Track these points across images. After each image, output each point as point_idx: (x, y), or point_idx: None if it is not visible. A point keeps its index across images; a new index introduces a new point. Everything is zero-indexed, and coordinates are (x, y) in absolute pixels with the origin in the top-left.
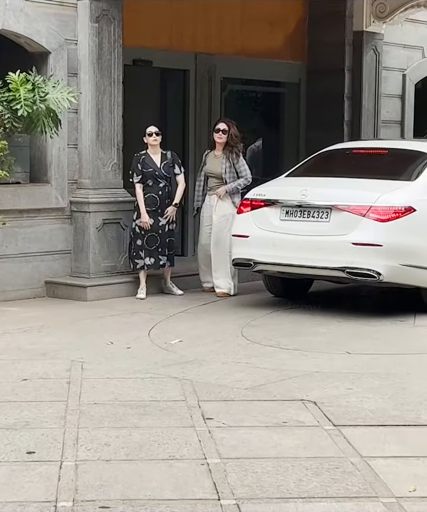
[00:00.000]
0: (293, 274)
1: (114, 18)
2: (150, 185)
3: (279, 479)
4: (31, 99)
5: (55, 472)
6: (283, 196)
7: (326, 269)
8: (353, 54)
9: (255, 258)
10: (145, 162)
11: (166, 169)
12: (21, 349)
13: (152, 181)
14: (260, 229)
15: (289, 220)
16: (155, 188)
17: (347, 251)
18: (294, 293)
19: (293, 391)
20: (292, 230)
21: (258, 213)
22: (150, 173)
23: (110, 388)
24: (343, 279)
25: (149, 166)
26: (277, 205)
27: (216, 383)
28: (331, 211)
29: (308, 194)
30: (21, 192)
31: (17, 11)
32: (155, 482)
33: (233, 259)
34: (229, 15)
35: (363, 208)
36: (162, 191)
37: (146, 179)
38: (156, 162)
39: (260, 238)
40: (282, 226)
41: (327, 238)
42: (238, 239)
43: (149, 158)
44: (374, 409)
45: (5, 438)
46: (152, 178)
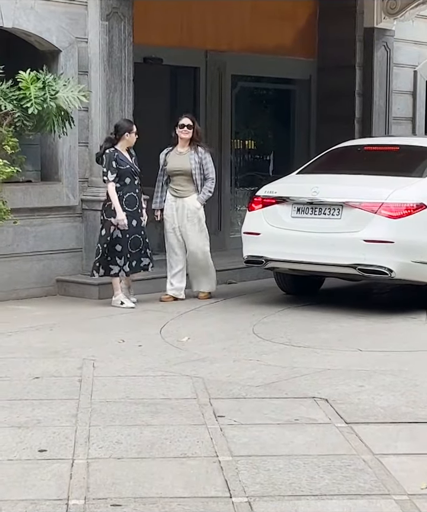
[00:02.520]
0: (304, 271)
1: (124, 16)
2: (128, 183)
3: (290, 477)
4: (42, 98)
5: (67, 470)
6: (294, 193)
7: (338, 266)
8: (363, 51)
9: (267, 255)
10: (120, 158)
11: (137, 166)
12: (33, 348)
13: (130, 179)
14: (271, 226)
15: (301, 217)
16: (133, 187)
17: (358, 248)
18: (305, 290)
19: (305, 388)
20: (303, 227)
21: (269, 210)
22: (127, 170)
23: (121, 386)
24: (355, 276)
25: (124, 163)
26: (289, 203)
27: (227, 380)
28: (342, 208)
29: (320, 191)
30: (32, 190)
31: (27, 9)
32: (166, 479)
33: (244, 256)
34: (239, 12)
35: (374, 205)
36: (138, 189)
37: (123, 177)
38: (129, 158)
39: (271, 235)
40: (294, 223)
41: (339, 235)
42: (249, 236)
43: (121, 155)
44: (386, 406)
45: (16, 436)
46: (130, 175)
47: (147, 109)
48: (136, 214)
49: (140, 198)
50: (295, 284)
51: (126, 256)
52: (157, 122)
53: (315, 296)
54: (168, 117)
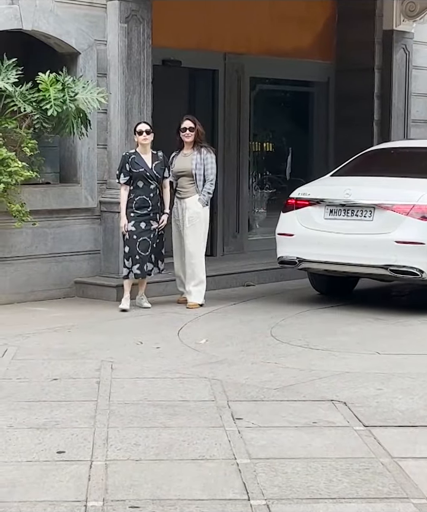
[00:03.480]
0: (337, 271)
1: (143, 18)
2: (140, 186)
3: (309, 480)
4: (61, 99)
5: (85, 472)
6: (327, 195)
7: (370, 267)
8: (382, 53)
9: (301, 256)
10: (135, 161)
11: (157, 170)
12: (51, 349)
13: (142, 182)
14: (304, 228)
15: (334, 218)
16: (146, 190)
17: (390, 249)
18: (339, 290)
19: (323, 391)
20: (336, 229)
21: (302, 212)
22: (141, 173)
23: (140, 388)
24: (387, 277)
25: (139, 166)
26: (322, 204)
27: (245, 383)
28: (374, 210)
29: (352, 193)
30: (50, 192)
31: (47, 12)
32: (184, 482)
33: (278, 257)
34: (257, 14)
35: (406, 207)
36: (153, 193)
37: (135, 181)
38: (147, 162)
39: (305, 236)
40: (327, 224)
41: (371, 236)
42: (283, 237)
43: (139, 158)
44: (404, 409)
45: (35, 438)
46: (143, 178)
47: (166, 111)
48: (146, 216)
49: (155, 202)
50: (329, 284)
51: (135, 258)
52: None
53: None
54: None
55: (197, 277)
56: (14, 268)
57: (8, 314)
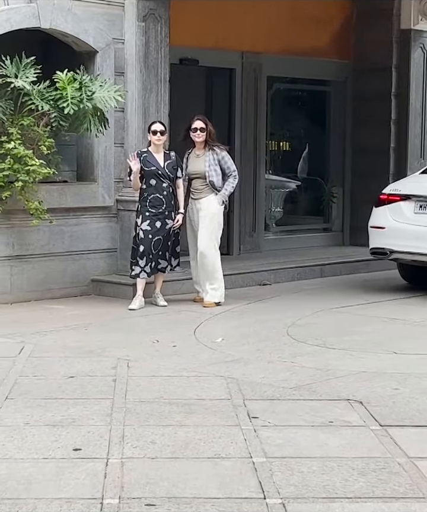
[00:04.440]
0: (425, 262)
1: (161, 17)
2: (153, 184)
3: (324, 479)
4: (78, 98)
5: (101, 469)
6: (417, 191)
7: None
8: (400, 52)
9: (391, 248)
10: (147, 160)
11: (169, 169)
12: (68, 347)
13: (155, 180)
14: (395, 221)
15: (423, 213)
16: (159, 188)
17: None
18: (426, 280)
19: (340, 391)
20: (424, 223)
21: (393, 207)
22: (153, 171)
23: (156, 386)
24: None
25: (151, 165)
26: (412, 200)
27: (261, 381)
28: None
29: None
30: (67, 190)
31: (65, 10)
32: (200, 480)
33: (371, 248)
34: (275, 13)
35: None
36: (167, 191)
37: (148, 179)
38: (159, 160)
39: (395, 229)
40: (416, 218)
41: None
42: (375, 230)
43: (151, 156)
44: (421, 409)
45: (51, 435)
46: (155, 177)
47: (183, 110)
48: (161, 215)
49: (169, 200)
50: (416, 274)
51: (148, 257)
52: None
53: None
54: None
55: (212, 277)
56: (31, 266)
57: (25, 312)
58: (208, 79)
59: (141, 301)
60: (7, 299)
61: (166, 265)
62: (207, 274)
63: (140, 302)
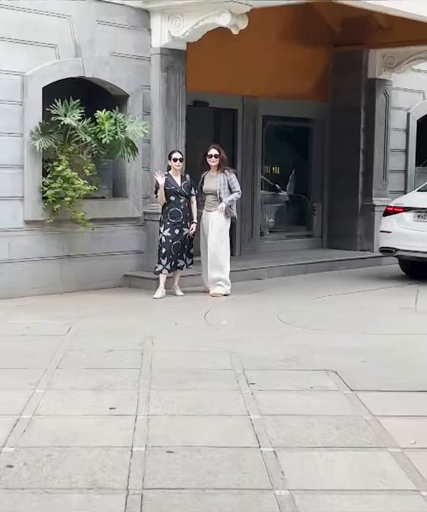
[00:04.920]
0: (422, 258)
1: (179, 69)
2: (172, 200)
3: (307, 432)
4: (114, 131)
5: (131, 424)
6: (416, 204)
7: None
8: (367, 97)
9: (396, 247)
10: (168, 181)
11: (185, 188)
12: (104, 328)
13: (174, 197)
14: (399, 227)
15: (420, 221)
16: (177, 203)
17: None
18: (422, 272)
19: (319, 363)
20: (421, 228)
21: (397, 216)
22: (172, 190)
23: (175, 359)
24: None
25: (171, 185)
26: (412, 211)
27: (257, 355)
28: None
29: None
30: (105, 204)
31: (103, 63)
32: (209, 432)
33: (380, 247)
34: (269, 65)
35: None
36: (183, 206)
37: (168, 196)
38: (177, 182)
39: (399, 233)
40: (415, 225)
41: None
42: (384, 233)
43: (171, 178)
44: (383, 378)
45: (92, 397)
46: (174, 194)
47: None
48: (179, 224)
49: (185, 213)
50: (413, 268)
51: (169, 257)
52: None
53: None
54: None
55: (220, 272)
56: (77, 264)
57: (72, 301)
58: (216, 118)
59: (163, 291)
60: (58, 290)
61: (183, 263)
62: (216, 270)
63: (162, 292)
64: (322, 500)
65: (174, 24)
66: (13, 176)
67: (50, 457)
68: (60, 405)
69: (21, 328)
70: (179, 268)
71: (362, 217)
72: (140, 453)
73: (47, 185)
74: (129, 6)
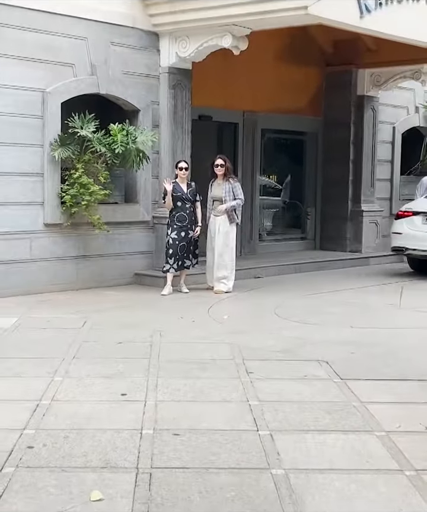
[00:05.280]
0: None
1: (185, 86)
2: (179, 205)
3: (301, 417)
4: (125, 142)
5: (141, 409)
6: (424, 209)
7: None
8: (356, 112)
9: (406, 246)
10: (175, 188)
11: (191, 194)
12: (117, 321)
13: (180, 203)
14: (409, 229)
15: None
16: (183, 208)
17: None
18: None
19: (312, 354)
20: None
21: (408, 219)
22: (179, 196)
23: (180, 349)
24: None
25: (178, 191)
26: (420, 215)
27: (256, 347)
28: None
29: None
30: (118, 209)
31: (116, 81)
32: (212, 417)
33: (392, 246)
34: (267, 82)
35: None
36: (189, 210)
37: (175, 201)
38: (184, 188)
39: (409, 234)
40: (423, 227)
41: None
42: (395, 234)
43: (178, 186)
44: (370, 368)
45: (105, 384)
46: (181, 200)
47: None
48: (185, 227)
49: (191, 217)
50: (421, 265)
51: (175, 257)
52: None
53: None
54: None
55: (224, 270)
56: (92, 263)
57: (87, 296)
58: (219, 131)
59: (170, 289)
60: (74, 287)
61: (189, 263)
62: (222, 269)
63: (169, 290)
64: (315, 479)
65: (181, 45)
66: (35, 183)
67: (67, 438)
68: (76, 392)
69: (42, 321)
70: (186, 268)
71: (351, 221)
72: (149, 435)
73: (65, 191)
74: (140, 29)
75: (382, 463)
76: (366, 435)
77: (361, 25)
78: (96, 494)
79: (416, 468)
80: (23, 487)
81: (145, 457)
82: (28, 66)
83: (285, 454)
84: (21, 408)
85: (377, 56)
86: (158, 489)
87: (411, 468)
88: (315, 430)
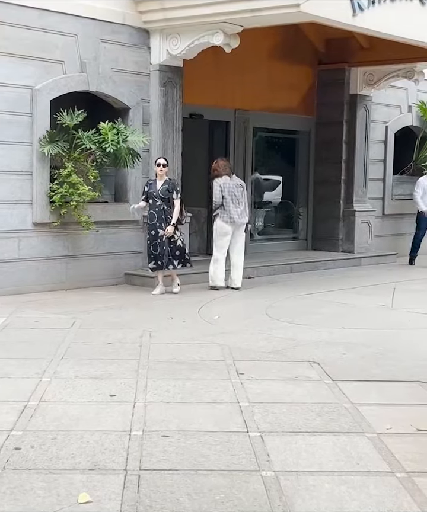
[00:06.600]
0: None
1: (176, 83)
2: (151, 203)
3: (291, 418)
4: (116, 141)
5: (130, 410)
6: None
7: None
8: (349, 111)
9: None
10: (150, 185)
11: (163, 192)
12: (107, 321)
13: (152, 200)
14: None
15: None
16: (153, 206)
17: None
18: None
19: (303, 355)
20: None
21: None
22: (151, 193)
23: (170, 350)
24: None
25: (151, 189)
26: None
27: (246, 347)
28: None
29: None
30: (108, 208)
31: (107, 78)
32: (201, 418)
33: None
34: (259, 80)
35: None
36: (159, 208)
37: (149, 199)
38: (158, 186)
39: None
40: None
41: None
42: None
43: (154, 183)
44: (361, 369)
45: (94, 385)
46: (152, 197)
47: (192, 151)
48: (153, 226)
49: (160, 215)
50: None
51: (150, 257)
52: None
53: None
54: (207, 157)
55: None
56: (81, 263)
57: (76, 296)
58: (210, 129)
59: (161, 289)
60: (63, 287)
61: (167, 264)
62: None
63: (161, 289)
64: (305, 481)
65: (172, 42)
66: (23, 181)
67: (55, 440)
68: (64, 393)
69: (30, 321)
70: (166, 268)
71: (343, 221)
72: (137, 436)
73: (54, 190)
74: (130, 26)
75: (372, 465)
76: (356, 436)
77: (354, 23)
78: (84, 496)
79: (407, 470)
80: (10, 489)
81: (133, 458)
82: (17, 62)
83: (275, 455)
84: (8, 409)
85: (370, 54)
86: (146, 491)
87: (402, 470)
88: (305, 432)
